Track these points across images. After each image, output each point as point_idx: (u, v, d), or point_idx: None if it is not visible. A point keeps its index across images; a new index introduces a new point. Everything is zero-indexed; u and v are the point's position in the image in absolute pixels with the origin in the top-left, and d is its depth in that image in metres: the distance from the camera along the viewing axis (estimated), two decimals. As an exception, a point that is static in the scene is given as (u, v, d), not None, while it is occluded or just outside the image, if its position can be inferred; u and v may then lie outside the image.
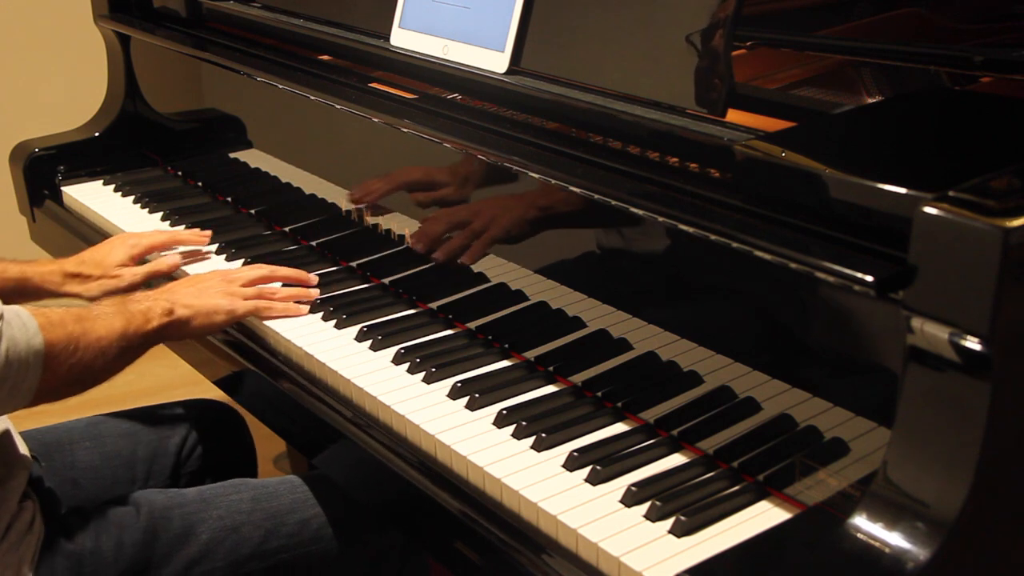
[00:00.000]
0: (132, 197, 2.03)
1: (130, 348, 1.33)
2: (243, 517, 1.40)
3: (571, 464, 1.17)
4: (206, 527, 1.38)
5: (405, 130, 1.49)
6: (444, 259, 1.48)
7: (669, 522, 1.06)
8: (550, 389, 1.33)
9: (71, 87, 2.98)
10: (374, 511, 1.45)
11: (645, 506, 1.09)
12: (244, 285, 1.52)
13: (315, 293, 1.56)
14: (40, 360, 1.20)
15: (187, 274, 1.68)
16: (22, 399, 1.21)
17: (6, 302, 1.27)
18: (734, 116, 1.20)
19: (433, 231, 1.50)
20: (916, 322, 0.89)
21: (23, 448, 1.34)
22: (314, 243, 1.77)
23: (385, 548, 1.48)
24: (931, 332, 0.89)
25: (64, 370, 1.23)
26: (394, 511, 1.36)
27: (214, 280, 1.51)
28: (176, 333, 1.43)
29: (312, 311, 1.53)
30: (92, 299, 1.62)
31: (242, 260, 1.73)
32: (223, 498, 1.42)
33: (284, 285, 1.57)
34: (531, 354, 1.38)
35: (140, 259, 1.70)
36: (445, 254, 1.48)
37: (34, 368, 1.19)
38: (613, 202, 1.20)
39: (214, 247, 1.79)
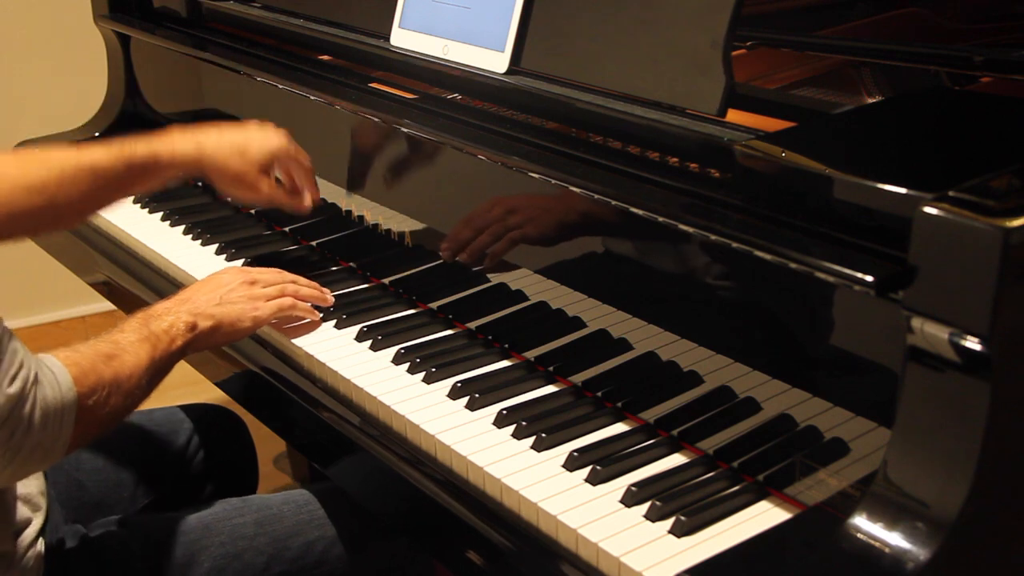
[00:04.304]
0: (132, 197, 2.03)
1: (158, 373, 1.29)
2: (246, 543, 1.38)
3: (571, 464, 1.16)
4: (208, 555, 1.36)
5: (405, 130, 1.49)
6: (470, 261, 1.46)
7: (669, 522, 1.06)
8: (550, 389, 1.33)
9: (71, 87, 2.98)
10: (377, 516, 1.44)
11: (645, 506, 1.09)
12: (267, 285, 1.47)
13: (331, 300, 1.53)
14: (73, 415, 1.13)
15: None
16: (55, 457, 1.15)
17: (134, 189, 1.19)
18: (734, 116, 1.20)
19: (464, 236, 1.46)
20: (916, 322, 0.89)
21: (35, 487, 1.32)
22: (314, 243, 1.77)
23: (389, 559, 1.48)
24: (931, 332, 0.89)
25: (96, 420, 1.18)
26: (395, 512, 1.36)
27: (234, 283, 1.45)
28: (202, 346, 1.38)
29: (312, 301, 1.54)
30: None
31: (242, 260, 1.73)
32: (226, 522, 1.40)
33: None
34: (531, 354, 1.38)
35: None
36: (472, 256, 1.45)
37: (67, 425, 1.13)
38: (613, 202, 1.20)
39: (214, 247, 1.79)
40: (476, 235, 1.42)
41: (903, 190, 0.93)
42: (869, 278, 0.93)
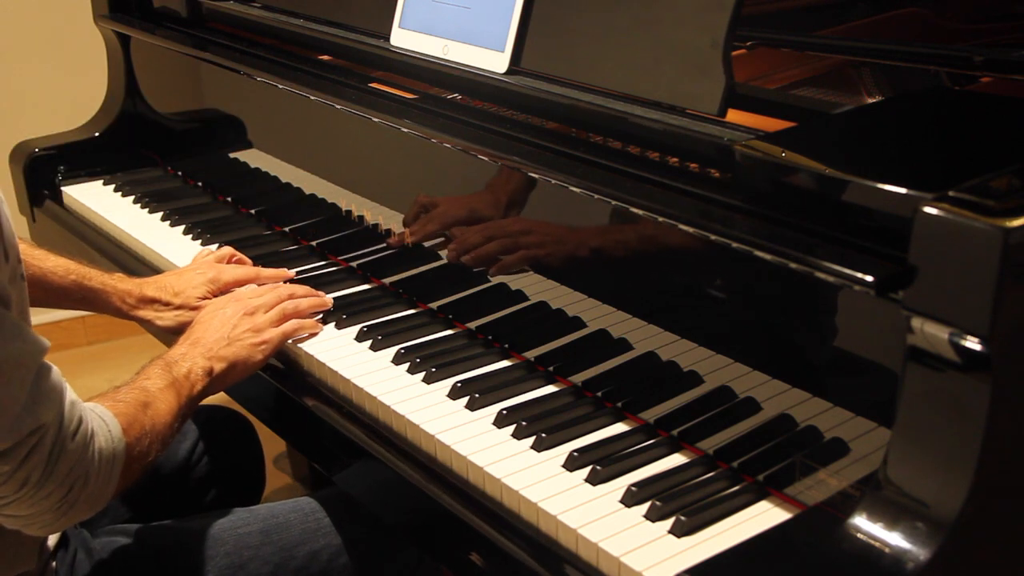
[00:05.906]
0: (132, 197, 2.03)
1: (184, 419, 1.30)
2: (251, 552, 1.38)
3: (571, 464, 1.16)
4: (213, 565, 1.36)
5: (405, 130, 1.49)
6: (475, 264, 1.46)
7: (669, 522, 1.06)
8: (550, 389, 1.33)
9: (71, 87, 2.98)
10: (381, 520, 1.44)
11: (645, 506, 1.09)
12: (267, 310, 1.46)
13: (329, 302, 1.53)
14: (121, 465, 1.14)
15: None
16: (102, 506, 1.15)
17: (75, 306, 1.14)
18: (734, 116, 1.20)
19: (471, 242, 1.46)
20: (916, 322, 0.89)
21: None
22: (314, 243, 1.77)
23: (396, 567, 1.47)
24: (931, 332, 0.89)
25: (139, 468, 1.19)
26: (397, 514, 1.36)
27: (236, 316, 1.44)
28: (219, 387, 1.39)
29: (312, 311, 1.53)
30: (163, 328, 1.56)
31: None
32: (231, 532, 1.39)
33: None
34: (531, 354, 1.37)
35: (220, 292, 1.59)
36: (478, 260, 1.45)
37: (115, 475, 1.14)
38: (613, 202, 1.20)
39: (214, 247, 1.79)
40: (486, 242, 1.42)
41: (903, 190, 0.93)
42: (869, 278, 0.93)
